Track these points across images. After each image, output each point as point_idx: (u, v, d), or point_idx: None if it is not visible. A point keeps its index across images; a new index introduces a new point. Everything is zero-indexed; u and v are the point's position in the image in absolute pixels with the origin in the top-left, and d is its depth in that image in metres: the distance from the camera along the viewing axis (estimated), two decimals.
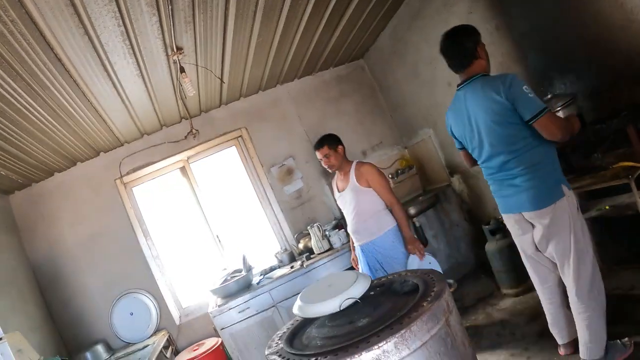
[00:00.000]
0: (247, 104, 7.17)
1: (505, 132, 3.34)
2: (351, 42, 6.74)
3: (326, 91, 7.55)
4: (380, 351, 1.89)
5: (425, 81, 6.45)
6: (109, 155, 6.65)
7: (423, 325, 1.97)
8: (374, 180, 4.91)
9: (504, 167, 3.47)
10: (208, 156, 7.12)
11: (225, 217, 7.01)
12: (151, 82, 4.96)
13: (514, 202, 3.53)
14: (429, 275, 2.44)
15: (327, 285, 2.50)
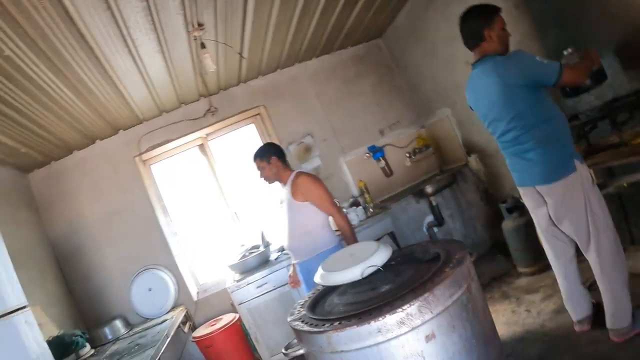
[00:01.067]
0: (265, 82, 7.18)
1: (516, 109, 3.44)
2: (369, 21, 6.72)
3: (344, 70, 7.54)
4: (404, 314, 1.93)
5: (444, 60, 6.43)
6: (128, 132, 6.68)
7: (446, 290, 2.01)
8: (311, 192, 4.55)
9: (517, 141, 3.56)
10: (226, 134, 7.15)
11: (244, 194, 7.05)
12: (171, 58, 4.98)
13: (527, 176, 3.65)
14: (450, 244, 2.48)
15: (348, 255, 2.54)
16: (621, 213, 4.79)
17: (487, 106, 3.66)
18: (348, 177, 7.29)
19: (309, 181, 4.59)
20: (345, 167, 7.30)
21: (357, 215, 6.30)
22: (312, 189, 4.54)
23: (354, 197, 7.00)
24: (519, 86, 3.37)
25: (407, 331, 1.96)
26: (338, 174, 7.31)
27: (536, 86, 3.39)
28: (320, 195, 4.55)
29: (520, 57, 3.38)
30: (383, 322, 1.94)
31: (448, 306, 2.00)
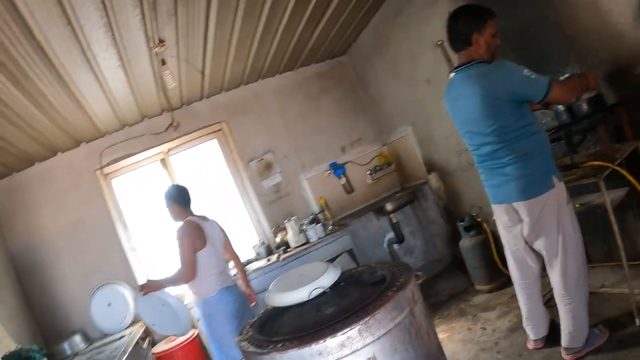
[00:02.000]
0: (228, 98, 7.20)
1: (498, 123, 3.31)
2: (333, 39, 6.79)
3: (307, 87, 7.59)
4: (344, 337, 1.95)
5: (406, 78, 6.52)
6: (90, 145, 6.62)
7: (387, 314, 2.03)
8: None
9: (494, 155, 3.45)
10: (188, 149, 7.13)
11: (204, 210, 6.98)
12: (133, 73, 4.98)
13: (504, 192, 3.52)
14: (396, 267, 2.51)
15: (298, 275, 2.56)
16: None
17: (466, 115, 3.53)
18: (308, 194, 7.33)
19: (176, 232, 4.73)
20: (306, 184, 7.34)
21: (316, 233, 6.33)
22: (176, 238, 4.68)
23: (314, 214, 7.03)
24: (502, 99, 3.26)
25: (348, 354, 1.98)
26: (298, 191, 7.34)
27: (520, 101, 3.30)
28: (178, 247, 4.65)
29: (508, 69, 3.27)
30: (324, 345, 1.96)
31: (390, 329, 2.03)
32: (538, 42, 4.59)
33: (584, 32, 4.16)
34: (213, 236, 4.91)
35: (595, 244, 4.67)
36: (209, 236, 4.83)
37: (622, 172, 3.68)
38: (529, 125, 3.34)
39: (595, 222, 4.07)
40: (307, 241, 6.39)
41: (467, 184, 6.17)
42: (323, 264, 2.56)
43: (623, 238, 3.70)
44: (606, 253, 4.67)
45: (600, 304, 4.14)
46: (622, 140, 4.08)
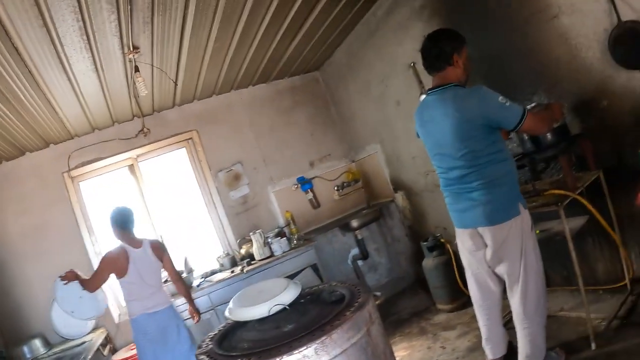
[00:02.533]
0: (200, 107, 7.20)
1: (469, 147, 3.34)
2: (307, 54, 6.84)
3: (280, 100, 7.63)
4: (300, 355, 1.98)
5: (376, 98, 6.60)
6: (59, 147, 6.56)
7: (344, 334, 2.07)
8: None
9: (463, 179, 3.46)
10: (157, 156, 7.10)
11: (170, 218, 7.02)
12: (105, 78, 4.96)
13: (470, 217, 3.53)
14: (355, 287, 2.55)
15: (258, 291, 2.59)
16: None
17: (438, 138, 3.53)
18: (275, 207, 7.34)
19: (107, 252, 5.05)
20: (273, 197, 7.36)
21: (281, 246, 6.35)
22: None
23: (280, 227, 7.04)
24: (476, 124, 3.28)
25: None
26: (265, 204, 7.35)
27: (494, 127, 3.33)
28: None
29: (484, 94, 3.29)
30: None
31: (346, 349, 2.06)
32: (507, 70, 4.69)
33: (553, 63, 4.27)
34: (140, 264, 5.02)
35: (555, 268, 4.78)
36: (135, 264, 4.97)
37: (583, 201, 3.80)
38: (499, 151, 3.38)
39: (555, 248, 4.16)
40: (272, 254, 6.39)
41: (432, 204, 6.25)
42: (284, 281, 2.59)
43: (582, 264, 3.81)
44: (565, 278, 4.78)
45: (558, 327, 4.24)
46: (584, 169, 4.21)
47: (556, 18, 4.10)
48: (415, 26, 5.49)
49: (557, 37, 4.15)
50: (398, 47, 5.87)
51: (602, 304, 4.27)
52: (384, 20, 5.94)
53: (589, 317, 3.78)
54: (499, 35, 4.66)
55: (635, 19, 3.56)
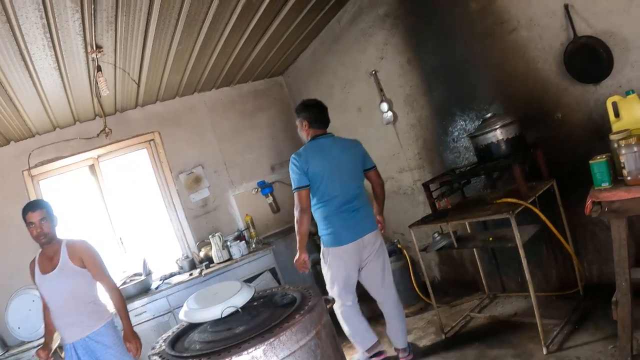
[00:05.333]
0: (162, 108, 7.20)
1: (362, 179, 4.59)
2: (271, 59, 6.89)
3: (242, 104, 7.68)
4: (249, 357, 2.03)
5: (338, 104, 6.66)
6: (19, 145, 6.48)
7: (292, 336, 2.12)
8: (90, 259, 4.24)
9: (353, 203, 4.41)
10: (119, 156, 7.07)
11: (130, 220, 6.99)
12: (68, 76, 4.95)
13: (361, 228, 4.42)
14: (307, 290, 2.60)
15: (213, 293, 2.62)
16: (493, 264, 5.13)
17: (345, 169, 4.42)
18: (235, 210, 7.37)
19: (88, 247, 4.33)
20: (234, 201, 7.39)
21: (240, 250, 6.39)
22: (91, 255, 4.28)
23: (240, 230, 7.05)
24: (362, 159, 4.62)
25: None
26: (225, 207, 7.37)
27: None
28: (100, 263, 4.31)
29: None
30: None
31: (294, 351, 2.12)
32: (467, 79, 4.84)
33: (511, 74, 4.44)
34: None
35: (510, 274, 4.90)
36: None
37: (534, 209, 3.93)
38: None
39: (509, 254, 4.28)
40: (231, 257, 6.43)
41: (391, 210, 6.33)
42: (237, 284, 2.63)
43: (535, 271, 3.96)
44: (519, 284, 4.92)
45: (511, 332, 4.38)
46: (538, 179, 4.34)
47: (515, 31, 4.25)
48: (378, 34, 5.60)
49: (516, 49, 4.31)
50: (361, 55, 5.95)
51: (554, 310, 4.42)
52: (348, 28, 6.04)
53: (540, 322, 3.88)
54: (460, 44, 4.80)
55: (591, 35, 3.72)
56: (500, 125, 4.24)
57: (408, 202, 6.05)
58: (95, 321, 4.20)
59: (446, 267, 6.03)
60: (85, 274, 4.23)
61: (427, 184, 4.78)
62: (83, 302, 4.18)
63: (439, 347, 4.71)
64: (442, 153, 5.40)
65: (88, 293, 4.25)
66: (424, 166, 5.67)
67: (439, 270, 6.11)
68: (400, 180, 6.06)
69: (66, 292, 4.12)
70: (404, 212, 6.12)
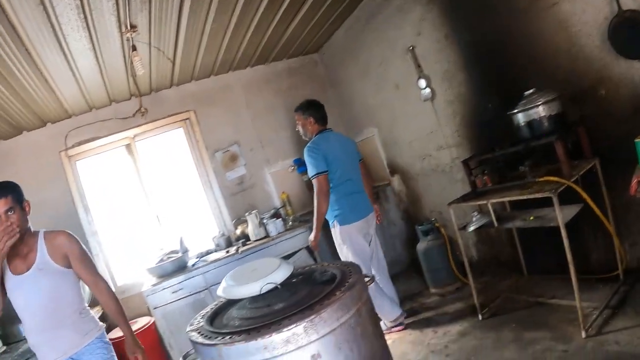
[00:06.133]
0: (197, 87, 7.19)
1: (357, 164, 5.23)
2: (306, 37, 6.82)
3: (277, 82, 7.62)
4: (290, 334, 2.00)
5: (375, 81, 6.59)
6: (56, 126, 6.56)
7: (333, 313, 2.08)
8: (77, 254, 3.41)
9: (357, 185, 5.08)
10: (155, 136, 7.11)
11: (167, 198, 7.04)
12: (103, 57, 4.94)
13: (366, 207, 5.10)
14: (347, 267, 2.57)
15: (251, 270, 2.60)
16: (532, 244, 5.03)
17: (348, 158, 5.06)
18: (271, 188, 7.36)
19: (73, 240, 3.47)
20: (270, 178, 7.37)
21: (276, 227, 6.35)
22: (77, 250, 3.42)
23: (276, 208, 7.03)
24: None
25: (293, 349, 2.02)
26: (261, 185, 7.36)
27: None
28: (87, 259, 3.48)
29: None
30: (270, 340, 2.00)
31: (335, 328, 2.08)
32: (506, 55, 4.69)
33: (553, 49, 4.28)
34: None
35: (549, 255, 4.79)
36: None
37: (577, 188, 3.80)
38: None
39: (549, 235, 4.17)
40: (267, 235, 6.41)
41: (428, 188, 6.28)
42: (276, 260, 2.60)
43: (575, 252, 3.81)
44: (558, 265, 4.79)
45: (549, 314, 4.27)
46: (580, 157, 4.21)
47: (557, 5, 4.10)
48: (415, 10, 5.49)
49: (557, 24, 4.15)
50: (397, 31, 5.85)
51: (594, 293, 4.30)
52: (384, 4, 5.93)
53: (580, 305, 3.78)
54: (499, 19, 4.65)
55: (635, 9, 3.58)
56: (542, 102, 4.12)
57: (446, 180, 5.96)
58: (82, 336, 3.35)
59: (483, 247, 5.94)
60: (70, 275, 3.40)
61: (466, 162, 4.68)
62: (67, 312, 3.33)
63: (475, 328, 4.62)
64: (482, 130, 5.29)
65: (73, 300, 3.41)
66: (462, 144, 5.56)
67: (476, 249, 6.03)
68: (438, 158, 5.97)
69: (45, 299, 3.25)
70: (441, 190, 6.04)
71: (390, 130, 6.69)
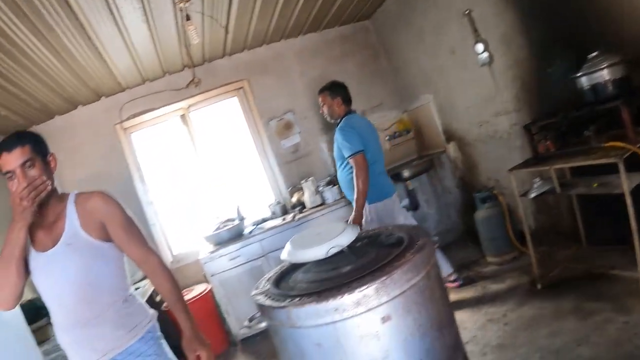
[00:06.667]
0: (250, 57, 7.17)
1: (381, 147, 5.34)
2: (359, 3, 6.70)
3: (329, 50, 7.53)
4: (361, 295, 1.98)
5: (430, 46, 6.45)
6: (110, 99, 6.67)
7: (403, 275, 2.05)
8: (118, 221, 2.65)
9: (383, 166, 5.24)
10: (209, 105, 7.15)
11: (222, 167, 7.10)
12: (156, 28, 4.96)
13: (392, 187, 5.26)
14: (414, 230, 2.53)
15: (315, 234, 2.58)
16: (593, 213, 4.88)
17: (375, 140, 5.16)
18: (326, 155, 7.31)
19: (111, 202, 2.72)
20: (324, 146, 7.33)
21: (332, 194, 6.35)
22: (119, 215, 2.69)
23: (331, 176, 7.01)
24: None
25: (363, 311, 2.00)
26: (316, 152, 7.35)
27: None
28: (132, 226, 2.72)
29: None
30: (340, 302, 1.99)
31: (405, 290, 2.05)
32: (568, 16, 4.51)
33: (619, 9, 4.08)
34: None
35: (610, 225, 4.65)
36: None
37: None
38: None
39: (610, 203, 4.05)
40: (323, 202, 6.43)
41: (485, 155, 6.16)
42: (341, 224, 2.57)
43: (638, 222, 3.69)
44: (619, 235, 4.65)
45: (609, 286, 4.17)
46: None
47: None
48: None
49: None
50: None
51: None
52: None
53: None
54: None
55: None
56: (607, 65, 3.96)
57: (504, 148, 5.82)
58: (127, 331, 2.59)
59: (541, 216, 5.81)
60: (110, 251, 2.66)
61: (528, 126, 4.57)
62: (107, 301, 2.59)
63: (533, 298, 4.55)
64: (542, 95, 5.13)
65: (115, 284, 2.67)
66: (521, 109, 5.40)
67: (534, 218, 5.90)
68: (496, 125, 5.82)
69: (77, 284, 2.52)
70: (499, 157, 5.91)
71: (446, 97, 6.57)
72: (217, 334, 6.09)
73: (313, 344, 2.12)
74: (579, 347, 3.53)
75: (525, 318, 4.22)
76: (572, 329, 3.78)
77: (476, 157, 6.39)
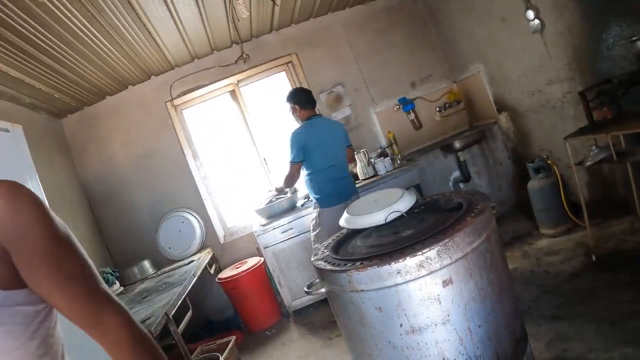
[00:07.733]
0: (297, 31, 7.16)
1: (343, 150, 5.35)
2: None
3: (376, 21, 7.46)
4: (423, 258, 1.99)
5: (479, 15, 6.31)
6: (160, 78, 6.79)
7: (465, 238, 2.05)
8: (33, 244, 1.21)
9: (344, 169, 5.34)
10: (258, 80, 7.19)
11: (273, 141, 7.15)
12: (204, 4, 4.99)
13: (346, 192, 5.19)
14: (473, 195, 2.52)
15: (373, 200, 2.60)
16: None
17: (335, 144, 5.20)
18: (377, 127, 7.30)
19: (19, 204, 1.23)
20: (375, 118, 7.31)
21: (385, 166, 6.33)
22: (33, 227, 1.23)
23: (382, 147, 7.03)
24: None
25: (425, 274, 2.02)
26: (367, 125, 7.32)
27: None
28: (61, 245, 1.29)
29: None
30: (403, 264, 2.00)
31: (467, 253, 2.05)
32: None
33: None
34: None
35: None
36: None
37: None
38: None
39: None
40: (376, 174, 6.41)
41: (538, 126, 6.05)
42: (399, 190, 2.58)
43: None
44: None
45: None
46: None
47: None
48: None
49: None
50: None
51: None
52: None
53: None
54: None
55: None
56: None
57: (557, 117, 5.70)
58: None
59: (596, 187, 5.67)
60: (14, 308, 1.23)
61: (583, 93, 4.47)
62: None
63: (588, 270, 4.47)
64: (595, 62, 4.99)
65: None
66: (574, 77, 5.27)
67: (588, 190, 5.77)
68: (549, 93, 5.70)
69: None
70: (551, 127, 5.80)
71: (497, 66, 6.44)
72: (270, 306, 6.21)
73: (373, 308, 2.15)
74: (634, 320, 3.47)
75: (581, 290, 4.15)
76: (630, 300, 3.71)
77: (528, 127, 6.28)
